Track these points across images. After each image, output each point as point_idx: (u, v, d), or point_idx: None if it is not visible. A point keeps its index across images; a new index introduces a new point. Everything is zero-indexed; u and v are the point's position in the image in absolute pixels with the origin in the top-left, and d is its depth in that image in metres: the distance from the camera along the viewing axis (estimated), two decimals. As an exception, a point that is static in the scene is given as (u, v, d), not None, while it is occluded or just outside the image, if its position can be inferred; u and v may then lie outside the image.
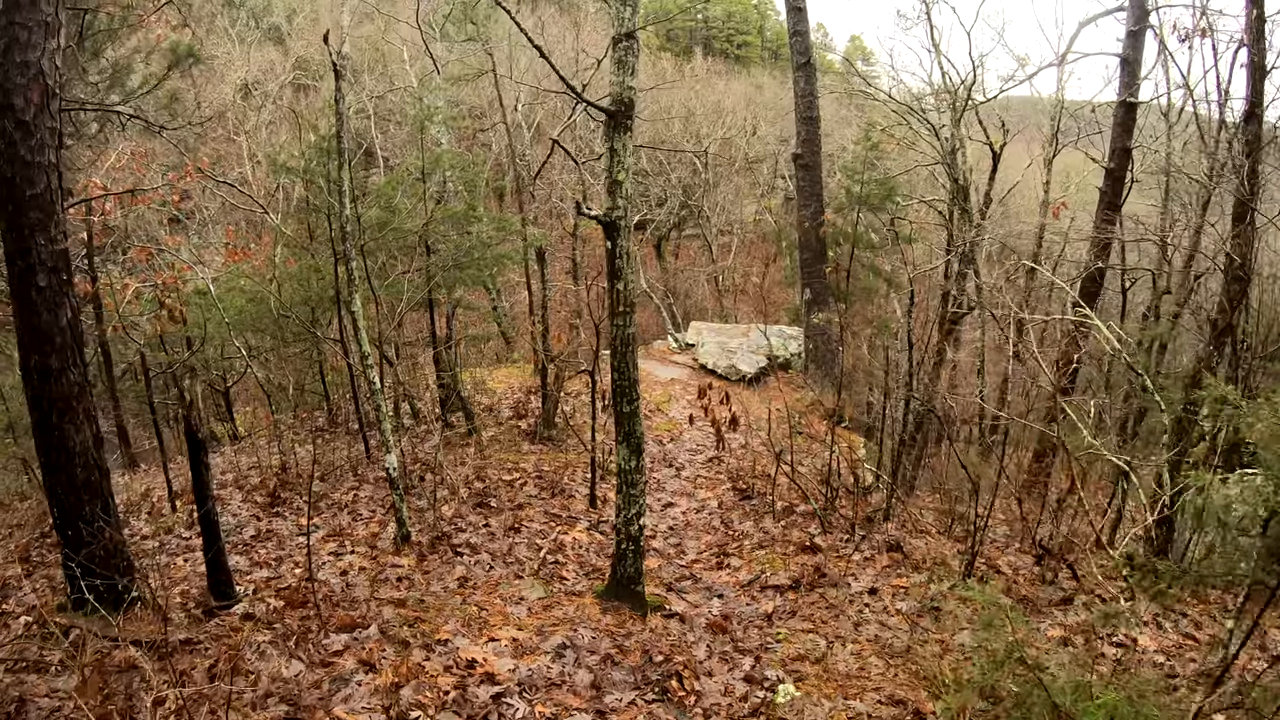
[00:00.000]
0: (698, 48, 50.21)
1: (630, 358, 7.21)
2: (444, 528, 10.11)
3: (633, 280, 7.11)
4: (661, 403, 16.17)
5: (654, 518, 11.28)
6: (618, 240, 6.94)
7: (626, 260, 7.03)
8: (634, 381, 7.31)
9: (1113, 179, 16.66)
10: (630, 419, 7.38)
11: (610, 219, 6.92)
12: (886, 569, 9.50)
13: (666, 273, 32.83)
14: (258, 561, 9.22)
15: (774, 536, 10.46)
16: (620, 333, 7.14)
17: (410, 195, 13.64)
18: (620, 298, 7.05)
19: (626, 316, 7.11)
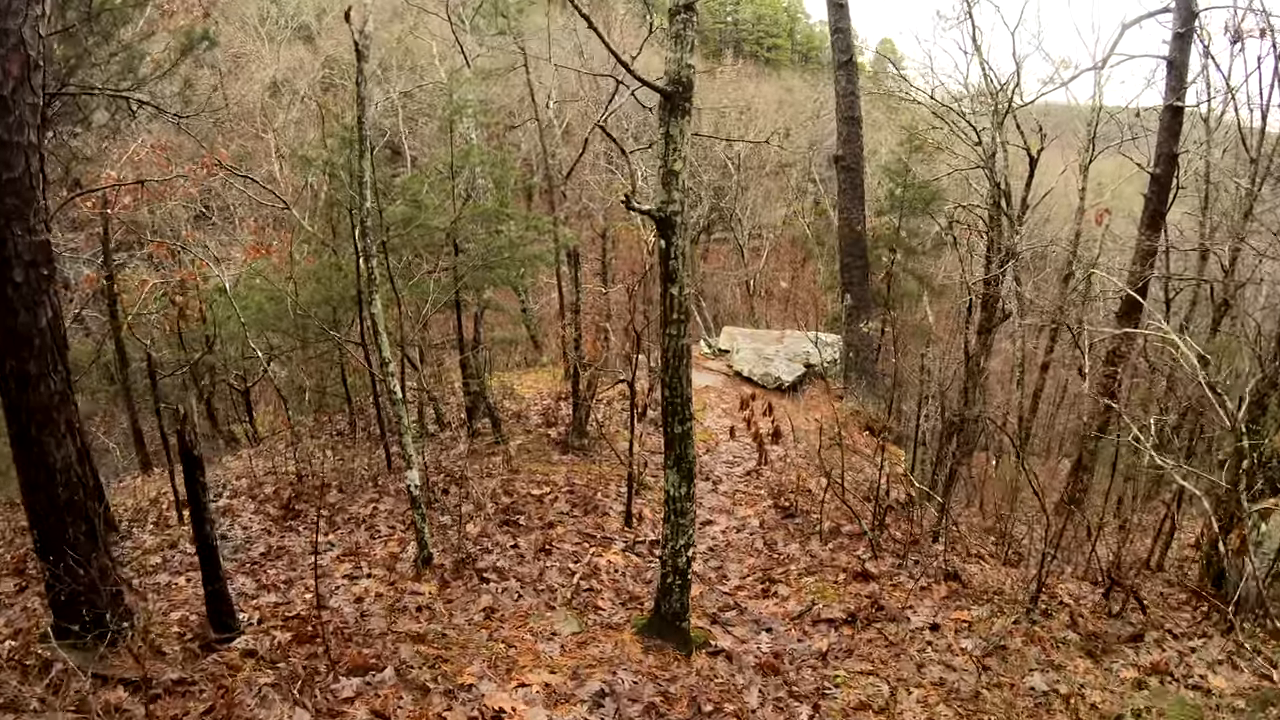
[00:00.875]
0: (728, 50, 49.36)
1: (684, 372, 6.35)
2: (469, 549, 9.28)
3: (688, 284, 6.23)
4: (696, 412, 15.21)
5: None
6: (673, 238, 6.08)
7: (682, 261, 6.16)
8: (687, 399, 6.44)
9: (1159, 185, 15.83)
10: (682, 441, 6.51)
11: (665, 214, 6.06)
12: (945, 600, 8.61)
13: (696, 276, 31.97)
14: (265, 584, 8.44)
15: (822, 561, 9.57)
16: (673, 343, 6.28)
17: (438, 192, 12.81)
18: (674, 303, 6.19)
19: (680, 325, 6.25)
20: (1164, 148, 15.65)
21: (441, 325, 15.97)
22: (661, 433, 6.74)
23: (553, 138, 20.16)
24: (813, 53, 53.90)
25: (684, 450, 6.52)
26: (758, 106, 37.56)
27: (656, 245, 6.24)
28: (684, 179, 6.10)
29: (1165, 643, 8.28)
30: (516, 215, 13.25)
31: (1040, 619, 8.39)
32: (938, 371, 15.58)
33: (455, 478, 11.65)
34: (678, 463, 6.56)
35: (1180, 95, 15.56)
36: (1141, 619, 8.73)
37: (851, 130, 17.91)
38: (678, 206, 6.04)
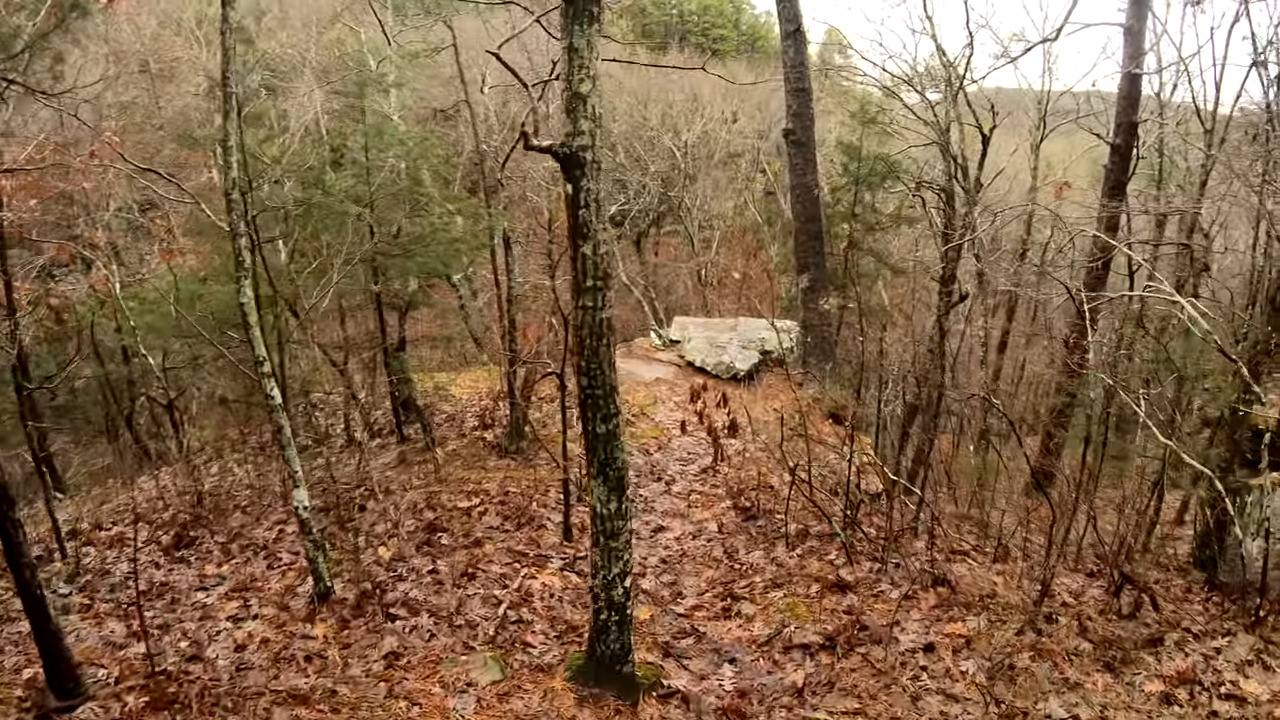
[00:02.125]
0: (673, 41, 47.83)
1: (604, 354, 4.86)
2: (379, 577, 7.76)
3: (605, 242, 4.74)
4: (646, 406, 13.78)
5: (642, 547, 8.94)
6: (582, 181, 4.62)
7: (596, 212, 4.67)
8: (610, 389, 4.96)
9: (1119, 155, 14.99)
10: (607, 443, 5.02)
11: (570, 149, 4.60)
12: (935, 611, 7.22)
13: (647, 267, 30.45)
14: (137, 630, 6.92)
15: (790, 570, 8.13)
16: (590, 317, 4.79)
17: (349, 175, 11.27)
18: (588, 266, 4.70)
19: (598, 295, 4.76)
20: (1123, 116, 14.83)
21: (364, 323, 14.39)
22: (585, 434, 5.23)
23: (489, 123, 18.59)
24: (759, 42, 52.48)
25: (611, 454, 5.04)
26: (705, 96, 36.06)
27: (563, 192, 4.74)
28: (595, 106, 4.64)
29: (1187, 645, 7.04)
30: (435, 197, 11.72)
31: (1045, 626, 7.05)
32: (899, 354, 14.58)
33: (376, 491, 10.14)
34: (603, 470, 5.08)
35: (1139, 63, 14.72)
36: (1155, 617, 7.47)
37: (801, 103, 16.48)
38: (587, 139, 4.59)
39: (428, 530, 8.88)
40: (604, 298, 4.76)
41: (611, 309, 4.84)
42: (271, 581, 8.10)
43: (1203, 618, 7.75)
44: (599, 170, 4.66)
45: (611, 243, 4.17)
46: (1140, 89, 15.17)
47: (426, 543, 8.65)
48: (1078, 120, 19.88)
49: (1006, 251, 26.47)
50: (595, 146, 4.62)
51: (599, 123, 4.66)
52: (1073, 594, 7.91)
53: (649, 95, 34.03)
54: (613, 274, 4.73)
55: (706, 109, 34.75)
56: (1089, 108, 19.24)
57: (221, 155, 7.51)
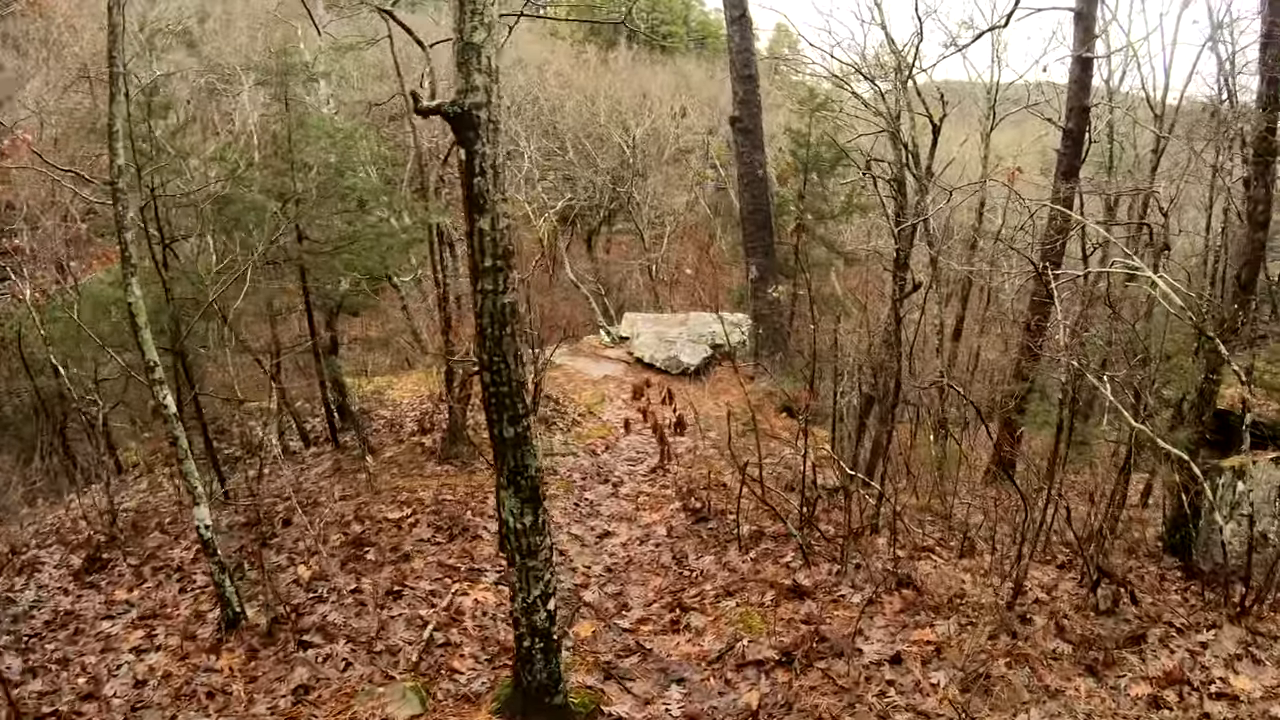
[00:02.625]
0: (622, 38, 47.08)
1: (509, 345, 4.13)
2: (297, 599, 7.00)
3: (507, 215, 4.02)
4: (594, 405, 13.10)
5: (587, 555, 8.25)
6: (477, 145, 3.91)
7: (494, 180, 3.95)
8: (518, 385, 4.23)
9: (1072, 140, 14.39)
10: (516, 448, 4.29)
11: (462, 108, 3.89)
12: (901, 616, 6.57)
13: (597, 264, 29.73)
14: (33, 665, 6.19)
15: (743, 575, 7.46)
16: (491, 303, 4.06)
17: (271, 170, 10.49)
18: (486, 243, 3.98)
19: (499, 276, 4.04)
20: (1075, 101, 14.28)
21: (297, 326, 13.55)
22: (491, 438, 4.49)
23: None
24: (708, 39, 51.95)
25: (521, 461, 4.31)
26: (654, 93, 35.45)
27: (457, 157, 4.03)
28: (490, 58, 3.92)
29: (1171, 641, 6.41)
30: (365, 187, 10.95)
31: (1019, 627, 6.43)
32: (854, 344, 14.10)
33: (303, 504, 9.34)
34: (514, 480, 4.35)
35: (1090, 47, 14.28)
36: (1135, 612, 6.90)
37: (748, 89, 15.90)
38: (481, 96, 3.87)
39: (354, 545, 8.12)
40: (506, 280, 4.04)
41: (515, 293, 4.12)
42: (182, 607, 7.34)
43: (1184, 609, 7.23)
44: (496, 132, 3.95)
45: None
46: (1092, 73, 14.84)
47: (352, 559, 7.89)
48: (1029, 108, 19.70)
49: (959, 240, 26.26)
50: (492, 104, 3.91)
51: (496, 78, 3.95)
52: (1045, 588, 7.32)
53: (598, 92, 33.30)
54: (515, 252, 4.00)
55: (655, 105, 34.11)
56: (1040, 95, 19.08)
57: (107, 142, 6.68)
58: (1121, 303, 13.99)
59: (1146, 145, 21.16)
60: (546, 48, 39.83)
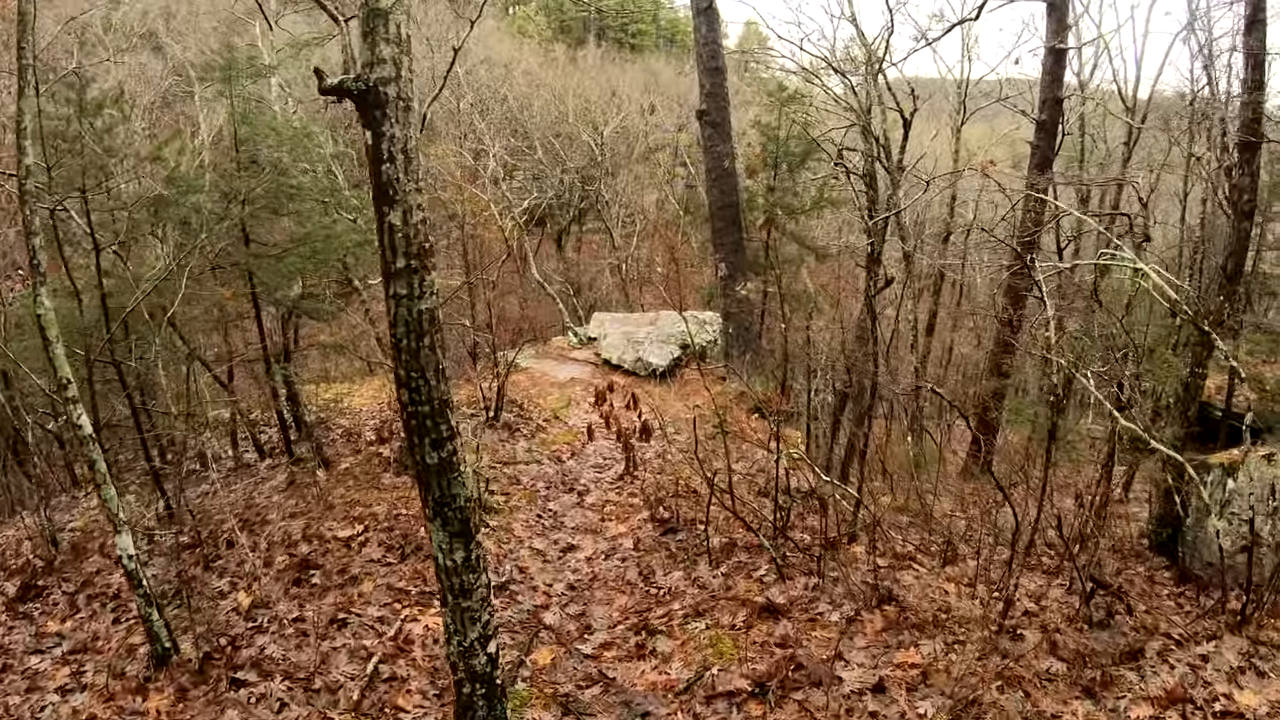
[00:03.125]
0: (591, 37, 46.52)
1: (429, 358, 3.56)
2: (235, 629, 6.40)
3: (422, 207, 3.45)
4: (559, 409, 12.52)
5: (549, 571, 7.69)
6: (384, 126, 3.34)
7: (406, 167, 3.38)
8: (440, 404, 3.66)
9: (1045, 132, 14.36)
10: (440, 475, 3.73)
11: (367, 84, 3.33)
12: (882, 636, 6.05)
13: (567, 263, 29.14)
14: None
15: (713, 592, 6.92)
16: (405, 310, 3.48)
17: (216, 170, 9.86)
18: (398, 240, 3.40)
19: (414, 278, 3.46)
20: (1048, 92, 14.26)
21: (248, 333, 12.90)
22: (414, 464, 3.91)
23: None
24: (678, 36, 51.51)
25: (448, 490, 3.75)
26: (624, 91, 34.94)
27: (364, 142, 3.45)
28: (401, 27, 3.35)
29: (1170, 654, 5.92)
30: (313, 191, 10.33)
31: (1010, 644, 5.94)
32: (826, 341, 13.68)
33: (252, 522, 8.74)
34: (440, 511, 3.78)
35: (1062, 38, 14.14)
36: (1130, 622, 6.41)
37: (715, 82, 15.37)
38: (389, 70, 3.31)
39: (300, 568, 7.51)
40: (423, 283, 3.46)
41: (435, 297, 3.55)
42: (114, 640, 6.73)
43: (1179, 617, 6.77)
44: (408, 111, 3.38)
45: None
46: (1065, 65, 14.76)
47: (296, 582, 7.29)
48: (1001, 101, 19.53)
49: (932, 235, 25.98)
50: (402, 79, 3.35)
51: (407, 49, 3.38)
52: (1033, 597, 6.84)
53: (566, 90, 32.76)
54: (434, 249, 3.42)
55: (624, 103, 33.61)
56: (1012, 89, 19.29)
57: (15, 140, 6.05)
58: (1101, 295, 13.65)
59: (1117, 139, 21.06)
60: (514, 46, 39.26)
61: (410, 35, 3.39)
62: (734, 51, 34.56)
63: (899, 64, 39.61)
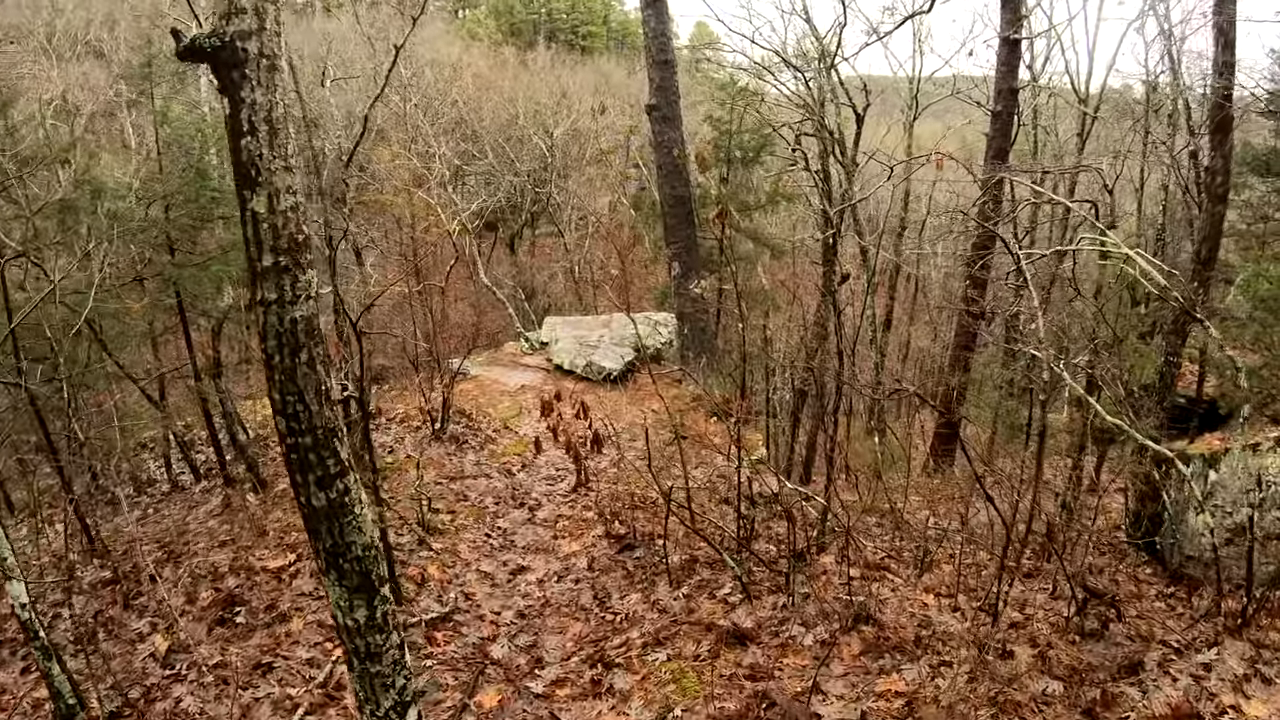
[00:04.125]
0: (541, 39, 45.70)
1: (309, 379, 2.85)
2: (151, 677, 5.67)
3: (295, 191, 2.74)
4: (510, 418, 11.80)
5: (498, 597, 7.01)
6: (244, 90, 2.66)
7: (272, 141, 2.69)
8: (324, 435, 2.95)
9: (1001, 122, 14.15)
10: (331, 520, 3.01)
11: (223, 39, 2.63)
12: (861, 660, 5.45)
13: (520, 268, 28.33)
14: None
15: (675, 617, 6.27)
16: (276, 318, 2.77)
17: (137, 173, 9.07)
18: (262, 232, 2.72)
19: (283, 279, 2.75)
20: (1003, 83, 14.00)
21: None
22: (299, 506, 3.17)
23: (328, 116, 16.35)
24: (628, 38, 50.83)
25: (341, 539, 3.03)
26: (575, 93, 34.21)
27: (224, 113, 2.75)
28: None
29: (1170, 664, 5.42)
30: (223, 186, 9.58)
31: (999, 663, 5.37)
32: (784, 340, 13.20)
33: (179, 553, 7.98)
34: (335, 563, 3.06)
35: (1017, 28, 13.91)
36: (1124, 631, 5.87)
37: (665, 75, 14.74)
38: (251, 22, 2.64)
39: (225, 604, 6.77)
40: (295, 284, 2.77)
41: (313, 302, 2.86)
42: (22, 693, 5.97)
43: (1174, 622, 6.28)
44: (274, 72, 2.70)
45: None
46: (1020, 55, 14.51)
47: (221, 621, 6.55)
48: (955, 94, 19.35)
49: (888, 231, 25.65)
50: (266, 34, 2.66)
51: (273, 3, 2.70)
52: (1017, 605, 6.29)
53: (516, 93, 31.98)
54: (309, 242, 2.72)
55: (575, 104, 32.93)
56: (964, 85, 19.07)
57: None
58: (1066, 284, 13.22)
59: (1068, 132, 20.95)
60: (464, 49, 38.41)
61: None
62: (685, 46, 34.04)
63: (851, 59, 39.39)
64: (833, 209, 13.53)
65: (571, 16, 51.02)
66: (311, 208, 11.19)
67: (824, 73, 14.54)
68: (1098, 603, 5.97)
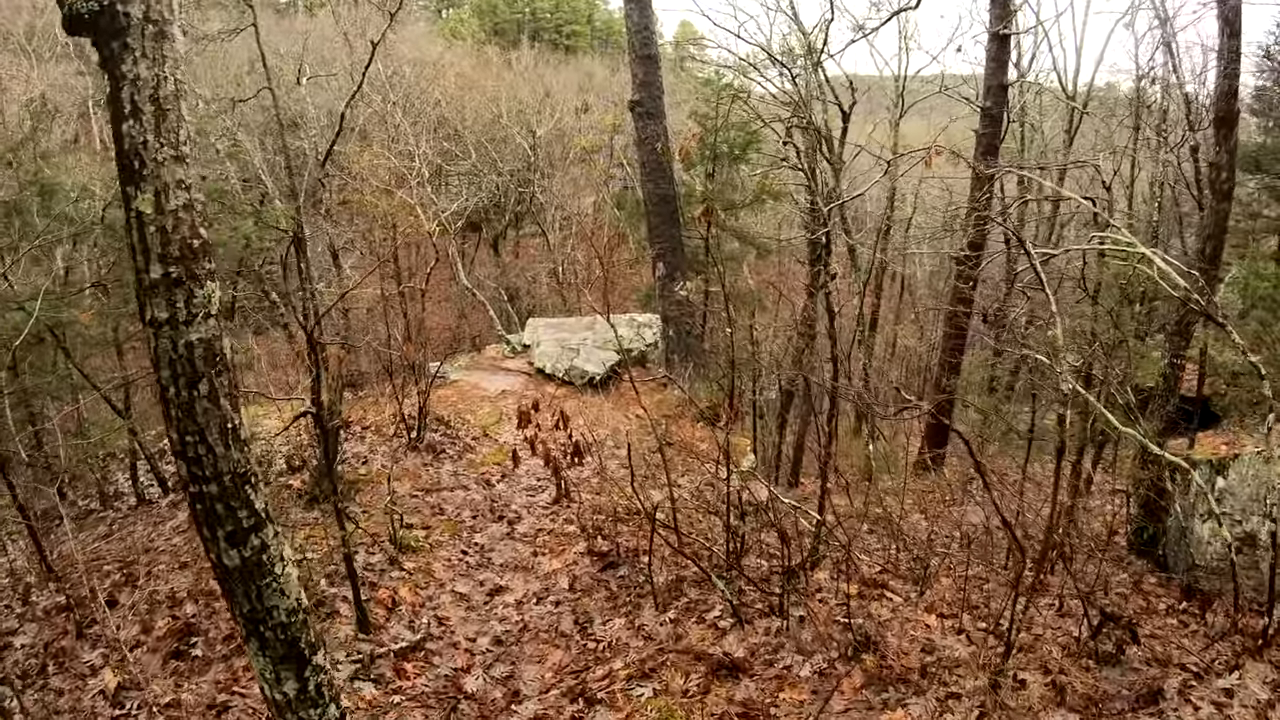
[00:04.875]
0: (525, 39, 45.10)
1: (209, 415, 2.36)
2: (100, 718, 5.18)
3: (184, 183, 2.24)
4: (490, 425, 11.27)
5: (473, 622, 6.51)
6: (124, 66, 2.15)
7: (159, 126, 2.19)
8: (235, 483, 2.44)
9: (990, 119, 13.82)
10: (247, 582, 2.52)
11: (101, 5, 2.12)
12: (863, 694, 5.00)
13: (503, 269, 27.76)
14: None
15: (661, 643, 5.78)
16: (169, 343, 2.27)
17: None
18: (150, 237, 2.21)
19: (175, 294, 2.25)
20: (993, 79, 13.69)
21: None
22: (210, 561, 2.66)
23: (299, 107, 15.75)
24: (613, 38, 50.28)
25: (259, 602, 2.54)
26: (558, 92, 33.68)
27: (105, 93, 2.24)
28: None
29: (1191, 691, 4.98)
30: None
31: (1011, 693, 4.91)
32: (770, 341, 12.82)
33: (136, 575, 7.45)
34: (255, 629, 2.59)
35: (1007, 23, 13.62)
36: (1139, 654, 5.42)
37: (648, 70, 14.27)
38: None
39: (181, 634, 6.24)
40: (192, 300, 2.27)
41: (215, 321, 2.35)
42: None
43: (1190, 641, 5.85)
44: (163, 41, 2.20)
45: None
46: (1010, 50, 14.30)
47: (176, 654, 6.03)
48: (944, 90, 19.10)
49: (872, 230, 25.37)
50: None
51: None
52: (1023, 624, 5.81)
53: (499, 92, 31.42)
54: (210, 249, 2.19)
55: (559, 104, 32.41)
56: (950, 84, 18.61)
57: None
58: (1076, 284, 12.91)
59: (1054, 130, 20.71)
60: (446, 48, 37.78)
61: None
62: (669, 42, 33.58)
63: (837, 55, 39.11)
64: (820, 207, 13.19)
65: (555, 16, 50.47)
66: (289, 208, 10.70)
67: (810, 69, 14.22)
68: (1114, 626, 5.52)
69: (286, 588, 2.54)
